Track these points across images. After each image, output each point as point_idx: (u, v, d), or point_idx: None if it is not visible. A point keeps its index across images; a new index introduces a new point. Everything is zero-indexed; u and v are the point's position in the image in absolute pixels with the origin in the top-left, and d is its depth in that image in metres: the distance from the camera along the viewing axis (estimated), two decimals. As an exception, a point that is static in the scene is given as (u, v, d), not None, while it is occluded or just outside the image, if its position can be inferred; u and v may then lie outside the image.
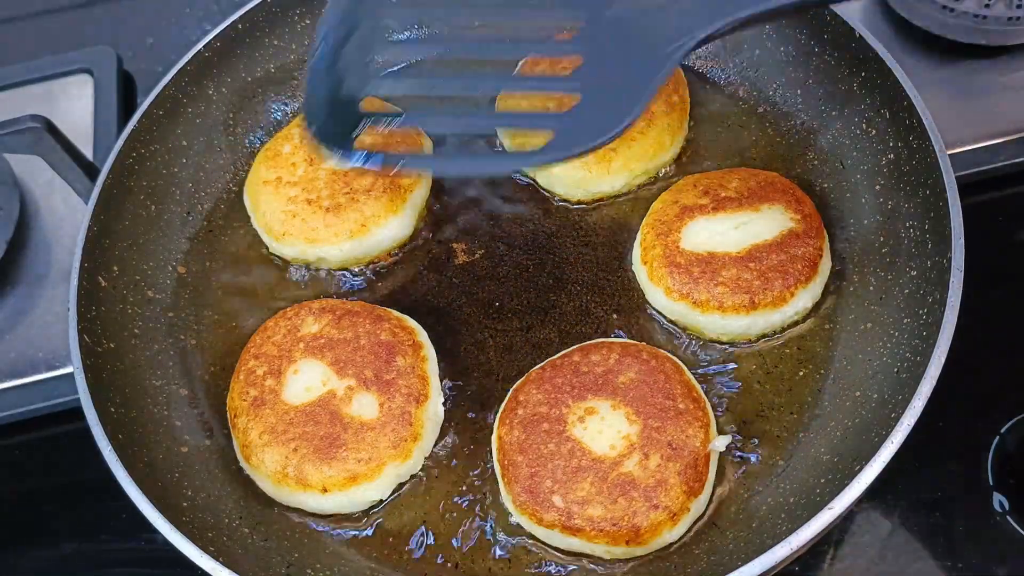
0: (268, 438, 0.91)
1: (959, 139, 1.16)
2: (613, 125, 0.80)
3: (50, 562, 1.07)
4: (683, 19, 0.80)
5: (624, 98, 0.81)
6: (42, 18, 1.60)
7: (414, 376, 0.93)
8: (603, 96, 0.82)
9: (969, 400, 1.03)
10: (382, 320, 0.97)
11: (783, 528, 0.82)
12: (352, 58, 0.86)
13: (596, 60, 0.83)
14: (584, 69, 0.83)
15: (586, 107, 0.81)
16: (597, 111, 0.81)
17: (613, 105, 0.81)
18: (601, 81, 0.82)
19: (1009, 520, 0.95)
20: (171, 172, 1.14)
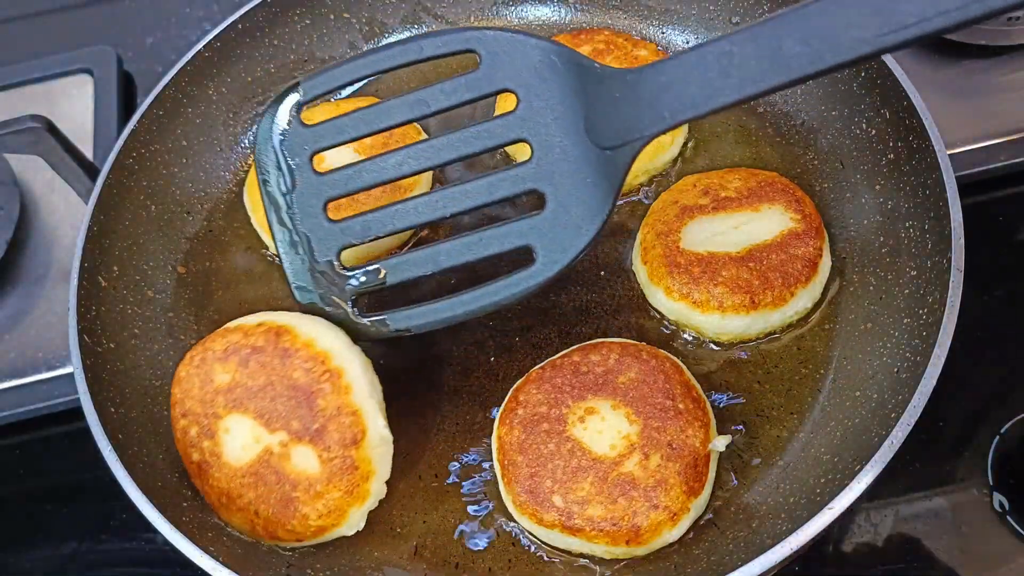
0: (226, 501, 0.87)
1: (959, 139, 1.16)
2: (586, 229, 0.79)
3: (50, 562, 1.07)
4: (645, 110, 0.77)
5: (592, 193, 0.79)
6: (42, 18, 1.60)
7: (342, 416, 0.84)
8: (570, 192, 0.79)
9: (969, 400, 1.03)
10: (289, 355, 0.86)
11: (783, 528, 0.82)
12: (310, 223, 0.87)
13: (545, 145, 0.80)
14: (537, 158, 0.80)
15: (554, 209, 0.80)
16: (567, 212, 0.80)
17: (583, 202, 0.79)
18: (561, 173, 0.79)
19: (1009, 520, 0.95)
20: (171, 172, 1.14)
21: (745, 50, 0.72)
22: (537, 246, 0.81)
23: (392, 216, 0.85)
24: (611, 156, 0.79)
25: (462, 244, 0.83)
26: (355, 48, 1.27)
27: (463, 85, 0.82)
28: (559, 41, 0.83)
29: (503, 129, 0.81)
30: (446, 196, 0.83)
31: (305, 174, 0.87)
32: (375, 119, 0.85)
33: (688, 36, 1.22)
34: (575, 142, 0.79)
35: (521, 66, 0.80)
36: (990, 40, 1.20)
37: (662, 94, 0.76)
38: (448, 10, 1.29)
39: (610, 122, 0.78)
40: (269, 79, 1.23)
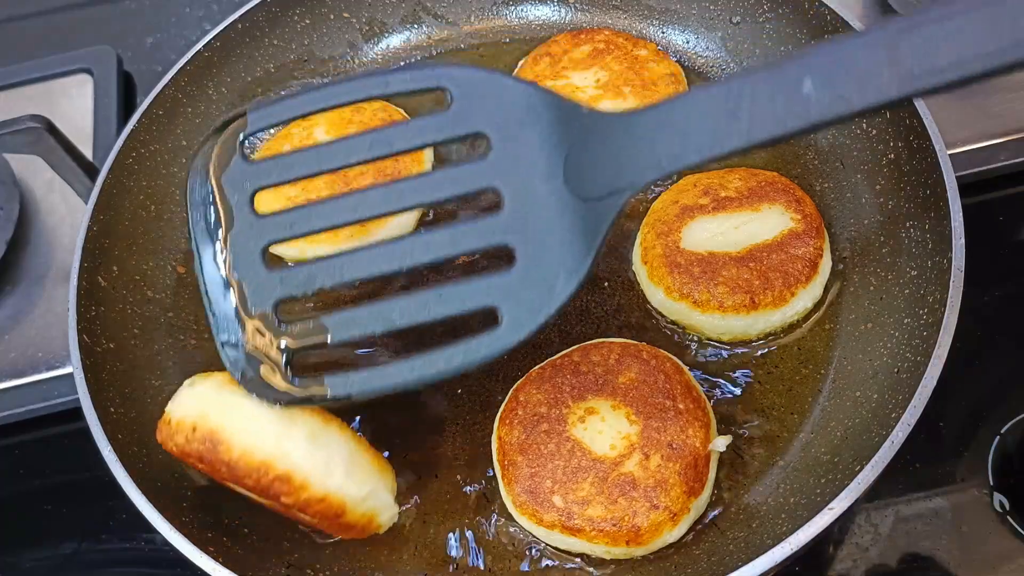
0: None
1: (959, 139, 1.16)
2: (560, 289, 0.70)
3: (50, 562, 1.06)
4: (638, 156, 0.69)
5: (567, 249, 0.70)
6: (42, 18, 1.60)
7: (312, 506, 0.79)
8: (542, 248, 0.70)
9: (969, 400, 1.03)
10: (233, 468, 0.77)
11: (783, 528, 0.82)
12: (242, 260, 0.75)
13: (518, 195, 0.71)
14: (508, 209, 0.71)
15: (524, 267, 0.70)
16: (538, 271, 0.70)
17: (557, 260, 0.70)
18: (534, 227, 0.70)
19: (1009, 520, 0.95)
20: (171, 172, 1.14)
21: (759, 90, 0.65)
22: (503, 307, 0.71)
23: (342, 267, 0.74)
24: (593, 207, 0.70)
25: (418, 302, 0.73)
26: (355, 48, 1.27)
27: (431, 126, 0.73)
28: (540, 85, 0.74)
29: (472, 176, 0.72)
30: (405, 247, 0.73)
31: (244, 213, 0.75)
32: (329, 158, 0.75)
33: (688, 36, 1.22)
34: (552, 193, 0.70)
35: (495, 108, 0.72)
36: (990, 40, 1.20)
37: (661, 137, 0.68)
38: (448, 10, 1.29)
39: (596, 170, 0.70)
40: (269, 79, 1.23)
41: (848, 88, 0.62)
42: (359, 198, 0.74)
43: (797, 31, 1.12)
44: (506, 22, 1.29)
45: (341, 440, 0.80)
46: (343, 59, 1.27)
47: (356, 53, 1.27)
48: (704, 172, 1.07)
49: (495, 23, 1.29)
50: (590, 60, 1.16)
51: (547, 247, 0.70)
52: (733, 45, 1.18)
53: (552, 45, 1.19)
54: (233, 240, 0.76)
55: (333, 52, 1.27)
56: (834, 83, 0.62)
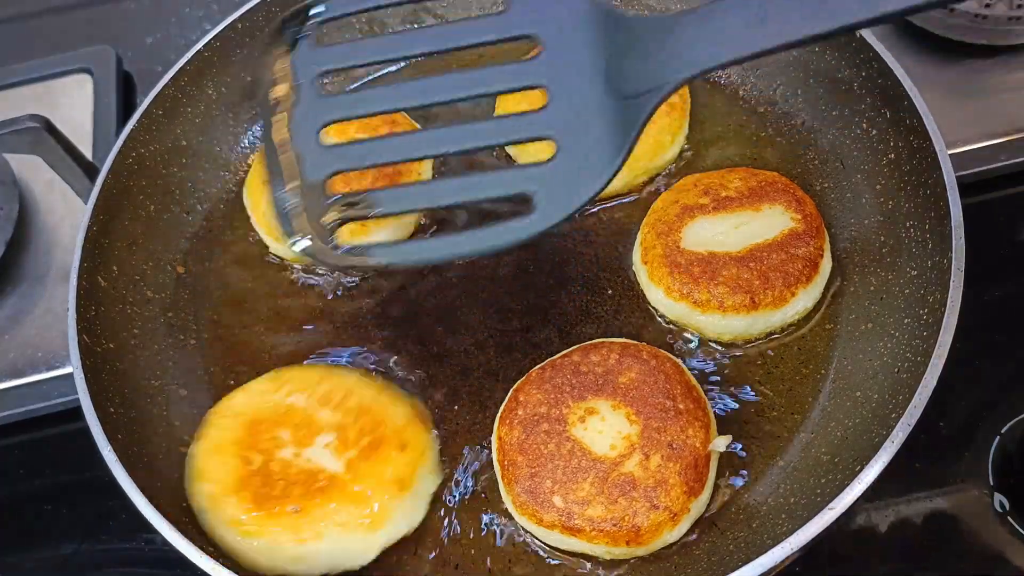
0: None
1: (959, 139, 1.16)
2: (596, 177, 0.75)
3: (50, 562, 1.06)
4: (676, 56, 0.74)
5: (604, 143, 0.75)
6: (42, 18, 1.60)
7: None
8: (581, 141, 0.75)
9: (969, 400, 1.03)
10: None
11: (783, 528, 0.82)
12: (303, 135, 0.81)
13: (563, 94, 0.77)
14: (552, 106, 0.76)
15: (563, 159, 0.76)
16: (575, 162, 0.75)
17: (594, 152, 0.75)
18: (574, 122, 0.76)
19: (1009, 520, 0.95)
20: (171, 172, 1.14)
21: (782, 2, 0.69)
22: (539, 193, 0.76)
23: (395, 147, 0.80)
24: (630, 105, 0.75)
25: (461, 183, 0.80)
26: (355, 48, 1.27)
27: (488, 25, 0.79)
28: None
29: (523, 75, 0.78)
30: (452, 133, 0.79)
31: (308, 92, 0.82)
32: (393, 47, 0.81)
33: (688, 36, 1.21)
34: (594, 92, 0.76)
35: (547, 12, 0.78)
36: (991, 40, 1.20)
37: (695, 38, 0.73)
38: (448, 10, 1.28)
39: (636, 70, 0.75)
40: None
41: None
42: (415, 86, 0.79)
43: (797, 31, 1.11)
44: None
45: None
46: (343, 59, 1.27)
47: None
48: (704, 172, 1.07)
49: (495, 23, 1.29)
50: (590, 60, 1.16)
51: (585, 141, 0.75)
52: (733, 45, 1.18)
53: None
54: (296, 114, 0.81)
55: (333, 52, 1.26)
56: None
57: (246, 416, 0.92)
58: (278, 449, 0.88)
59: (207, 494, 0.87)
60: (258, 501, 0.85)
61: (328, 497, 0.85)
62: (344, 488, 0.85)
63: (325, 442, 0.88)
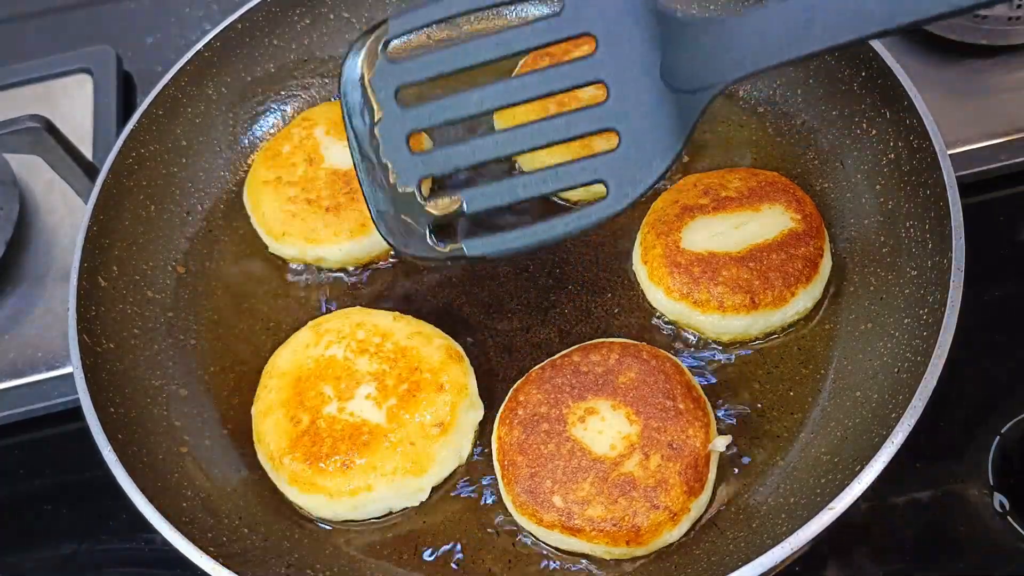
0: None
1: (959, 139, 1.16)
2: (657, 165, 0.81)
3: (50, 562, 1.06)
4: (725, 56, 0.79)
5: (663, 132, 0.81)
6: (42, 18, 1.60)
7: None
8: (642, 131, 0.82)
9: (969, 400, 1.03)
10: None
11: (783, 528, 0.82)
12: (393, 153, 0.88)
13: (621, 88, 0.82)
14: (613, 100, 0.82)
15: (627, 147, 0.82)
16: (639, 150, 0.82)
17: (654, 140, 0.81)
18: (635, 114, 0.82)
19: (1009, 520, 0.95)
20: (171, 172, 1.14)
21: (828, 3, 0.74)
22: (610, 181, 0.83)
23: (473, 150, 0.87)
24: (686, 98, 0.81)
25: (540, 176, 0.85)
26: (355, 48, 1.27)
27: (546, 28, 0.84)
28: None
29: (582, 70, 0.84)
30: (525, 131, 0.85)
31: (390, 106, 0.88)
32: (459, 58, 0.86)
33: (688, 36, 1.21)
34: (650, 85, 0.81)
35: (601, 11, 0.82)
36: (990, 40, 1.20)
37: (744, 41, 0.78)
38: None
39: (688, 67, 0.80)
40: (269, 79, 1.23)
41: (904, 2, 0.70)
42: (486, 92, 0.85)
43: (797, 31, 1.11)
44: (506, 22, 1.29)
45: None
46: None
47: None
48: (704, 172, 1.07)
49: (495, 23, 1.29)
50: (590, 60, 1.16)
51: (646, 131, 0.82)
52: (733, 45, 1.18)
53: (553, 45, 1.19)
54: (382, 129, 0.88)
55: (333, 52, 1.27)
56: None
57: (291, 375, 0.96)
58: (323, 405, 0.92)
59: (267, 455, 0.93)
60: (310, 460, 0.89)
61: (373, 450, 0.89)
62: (388, 439, 0.90)
63: (366, 393, 0.92)
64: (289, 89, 1.24)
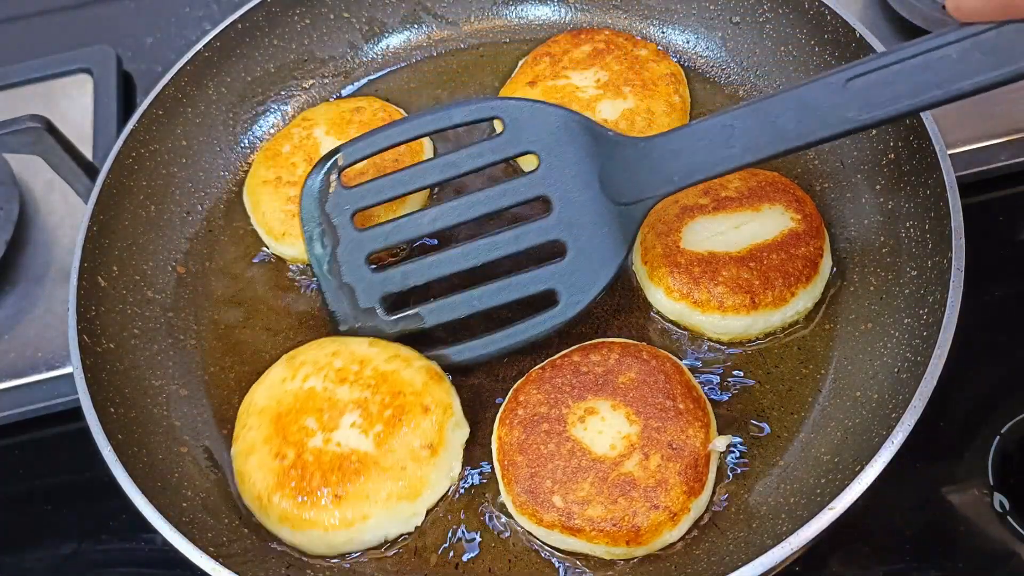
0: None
1: (959, 139, 1.16)
2: (604, 274, 0.90)
3: (50, 562, 1.06)
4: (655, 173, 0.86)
5: (607, 241, 0.89)
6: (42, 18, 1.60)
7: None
8: (587, 241, 0.89)
9: (969, 400, 1.03)
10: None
11: (783, 528, 0.82)
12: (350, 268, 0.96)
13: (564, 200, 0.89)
14: (557, 212, 0.90)
15: (574, 256, 0.90)
16: (586, 259, 0.90)
17: (600, 249, 0.89)
18: (579, 225, 0.89)
19: (1009, 520, 0.95)
20: (171, 172, 1.14)
21: (745, 124, 0.81)
22: (560, 289, 0.91)
23: (429, 266, 0.95)
24: (624, 211, 0.88)
25: (494, 289, 0.93)
26: (355, 48, 1.27)
27: (490, 148, 0.91)
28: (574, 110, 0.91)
29: (527, 187, 0.91)
30: (479, 247, 0.93)
31: (347, 230, 0.96)
32: (410, 180, 0.94)
33: (688, 36, 1.22)
34: (592, 197, 0.88)
35: (542, 130, 0.89)
36: (990, 40, 1.20)
37: (671, 160, 0.85)
38: (448, 9, 1.29)
39: (624, 181, 0.87)
40: (269, 79, 1.23)
41: (813, 123, 0.79)
42: (439, 210, 0.94)
43: (797, 31, 1.12)
44: (506, 22, 1.29)
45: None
46: (343, 59, 1.27)
47: (356, 53, 1.27)
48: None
49: (495, 23, 1.29)
50: (590, 60, 1.16)
51: (591, 240, 0.90)
52: (733, 45, 1.18)
53: (552, 45, 1.19)
54: (341, 253, 0.97)
55: (333, 52, 1.27)
56: (801, 119, 0.79)
57: (270, 411, 0.93)
58: (308, 439, 0.89)
59: (253, 496, 0.90)
60: (300, 495, 0.87)
61: (364, 478, 0.87)
62: (377, 466, 0.87)
63: (351, 422, 0.90)
64: (289, 89, 1.24)
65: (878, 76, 0.76)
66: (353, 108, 1.17)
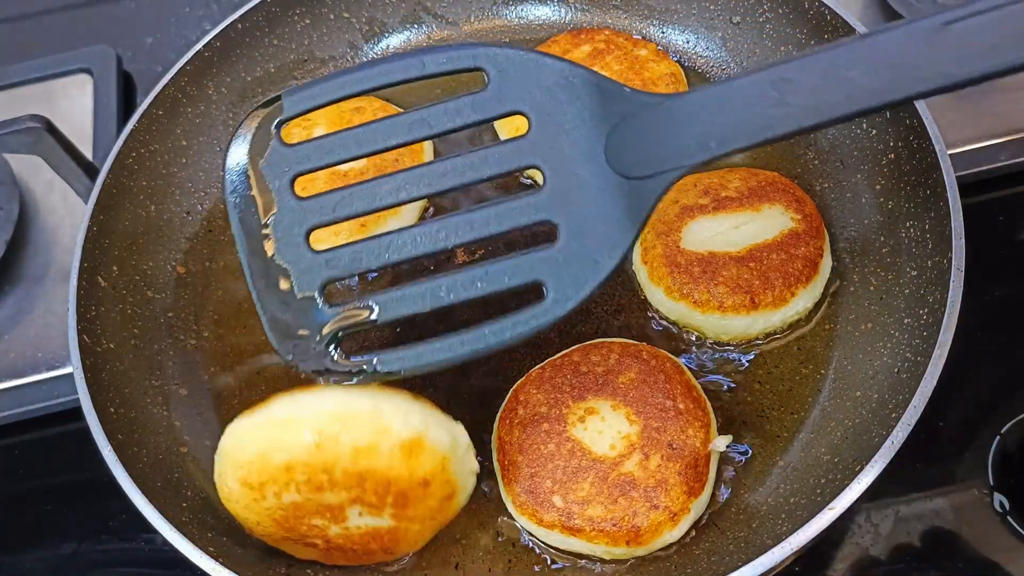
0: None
1: (959, 139, 1.16)
2: (603, 263, 0.71)
3: (50, 562, 1.06)
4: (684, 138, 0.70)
5: (610, 224, 0.71)
6: (42, 18, 1.60)
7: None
8: (585, 223, 0.71)
9: (969, 400, 1.03)
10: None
11: (783, 528, 0.82)
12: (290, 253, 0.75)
13: (560, 172, 0.72)
14: (550, 186, 0.72)
15: (567, 241, 0.71)
16: (581, 246, 0.71)
17: (599, 234, 0.71)
18: (576, 203, 0.71)
19: (1009, 520, 0.95)
20: (171, 172, 1.14)
21: (808, 78, 0.66)
22: (548, 282, 0.72)
23: (386, 247, 0.74)
24: (637, 186, 0.71)
25: (465, 278, 0.74)
26: (355, 48, 1.27)
27: (469, 105, 0.73)
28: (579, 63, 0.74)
29: (513, 154, 0.73)
30: (449, 226, 0.74)
31: (285, 199, 0.75)
32: (368, 140, 0.75)
33: (688, 36, 1.22)
34: (593, 170, 0.71)
35: (534, 86, 0.72)
36: (990, 40, 1.20)
37: (707, 121, 0.69)
38: (448, 9, 1.29)
39: (639, 150, 0.71)
40: (269, 79, 1.23)
41: (896, 76, 0.63)
42: (402, 178, 0.74)
43: (797, 31, 1.12)
44: (506, 22, 1.29)
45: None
46: (343, 59, 1.27)
47: (356, 53, 1.27)
48: (705, 172, 1.07)
49: (495, 23, 1.29)
50: (590, 60, 1.16)
51: (590, 223, 0.71)
52: (733, 45, 1.18)
53: (552, 45, 1.19)
54: (276, 225, 0.75)
55: (333, 52, 1.27)
56: (880, 72, 0.63)
57: (267, 527, 0.82)
58: (326, 530, 0.81)
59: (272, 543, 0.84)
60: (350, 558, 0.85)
61: (400, 540, 0.83)
62: (408, 529, 0.82)
63: (358, 511, 0.80)
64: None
65: (985, 20, 0.61)
66: (353, 108, 1.17)
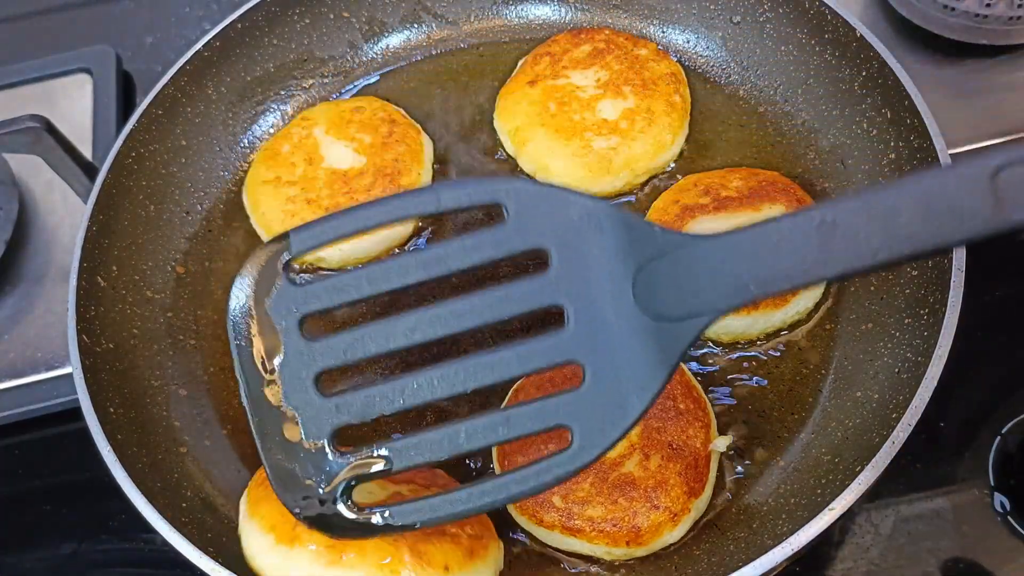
0: None
1: (959, 139, 1.16)
2: (633, 405, 0.66)
3: (50, 562, 1.06)
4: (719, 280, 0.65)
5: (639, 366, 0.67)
6: (42, 18, 1.59)
7: None
8: (612, 365, 0.67)
9: (970, 400, 1.03)
10: None
11: (783, 529, 0.82)
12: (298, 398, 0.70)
13: (585, 312, 0.68)
14: (575, 326, 0.68)
15: (594, 384, 0.67)
16: (609, 388, 0.67)
17: (628, 377, 0.67)
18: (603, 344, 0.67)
19: (1010, 520, 0.95)
20: (171, 172, 1.14)
21: (853, 221, 0.62)
22: (574, 427, 0.67)
23: (402, 391, 0.69)
24: (668, 328, 0.67)
25: (487, 424, 0.69)
26: (355, 47, 1.27)
27: (488, 241, 0.69)
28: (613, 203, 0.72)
29: (535, 293, 0.69)
30: (467, 367, 0.69)
31: (293, 341, 0.70)
32: (381, 278, 0.69)
33: (688, 35, 1.22)
34: (621, 311, 0.67)
35: (556, 222, 0.68)
36: (991, 40, 1.20)
37: (745, 264, 0.65)
38: (448, 9, 1.29)
39: (670, 291, 0.66)
40: (269, 79, 1.23)
41: (948, 222, 0.61)
42: (417, 318, 0.69)
43: (798, 31, 1.12)
44: (506, 22, 1.29)
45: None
46: (343, 59, 1.27)
47: (356, 53, 1.27)
48: (705, 172, 1.07)
49: (495, 23, 1.29)
50: (590, 59, 1.16)
51: (617, 366, 0.67)
52: (733, 45, 1.18)
53: (552, 45, 1.19)
54: (283, 369, 0.71)
55: (333, 52, 1.26)
56: (929, 219, 0.61)
57: None
58: None
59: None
60: None
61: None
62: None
63: None
64: (289, 89, 1.24)
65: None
66: (353, 108, 1.17)
